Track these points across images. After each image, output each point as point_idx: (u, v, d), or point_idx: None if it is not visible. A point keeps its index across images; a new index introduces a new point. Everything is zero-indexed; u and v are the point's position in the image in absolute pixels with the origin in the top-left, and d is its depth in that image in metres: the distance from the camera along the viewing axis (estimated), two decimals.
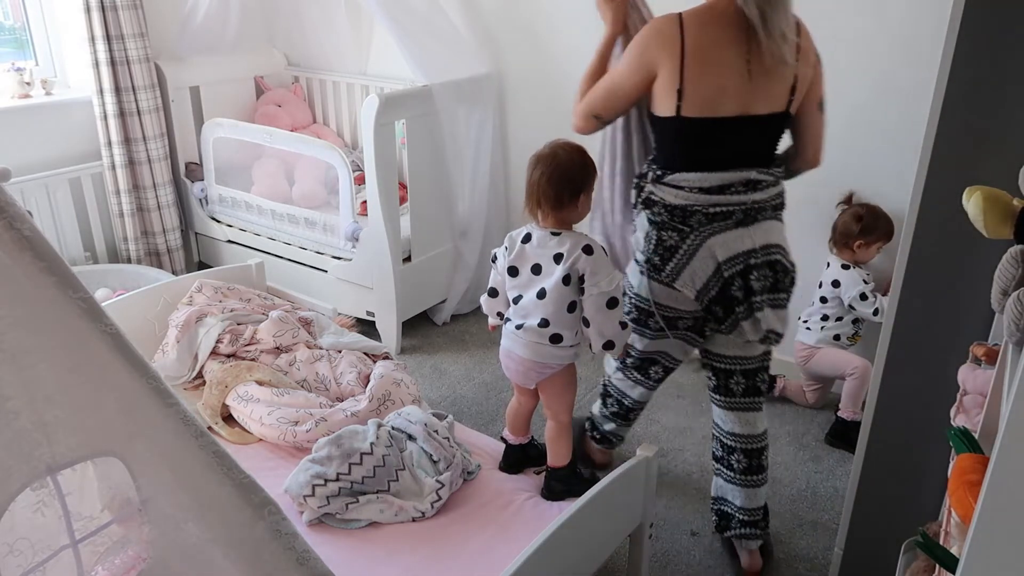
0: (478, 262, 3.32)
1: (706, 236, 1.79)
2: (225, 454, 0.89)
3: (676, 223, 1.80)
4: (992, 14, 1.38)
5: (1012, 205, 1.03)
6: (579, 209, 1.82)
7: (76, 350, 0.82)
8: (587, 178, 1.81)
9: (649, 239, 1.85)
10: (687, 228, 1.80)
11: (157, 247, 3.47)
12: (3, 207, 0.76)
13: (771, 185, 1.83)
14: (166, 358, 2.32)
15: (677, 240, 1.81)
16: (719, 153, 1.77)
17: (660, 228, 1.82)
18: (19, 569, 0.89)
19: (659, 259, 1.84)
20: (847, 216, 2.60)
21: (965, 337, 1.48)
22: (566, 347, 1.85)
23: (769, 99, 1.74)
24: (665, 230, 1.82)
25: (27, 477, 0.84)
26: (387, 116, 2.84)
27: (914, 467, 1.72)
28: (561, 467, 1.95)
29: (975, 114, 1.45)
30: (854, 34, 2.53)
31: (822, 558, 2.14)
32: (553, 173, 1.78)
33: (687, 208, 1.79)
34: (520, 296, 1.87)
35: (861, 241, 2.57)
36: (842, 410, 2.63)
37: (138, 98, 3.24)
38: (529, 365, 1.88)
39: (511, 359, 1.92)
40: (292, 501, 1.81)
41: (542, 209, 1.81)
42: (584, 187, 1.80)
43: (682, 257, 1.81)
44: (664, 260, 1.83)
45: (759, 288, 1.79)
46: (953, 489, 0.92)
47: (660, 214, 1.82)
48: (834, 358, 2.67)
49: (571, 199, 1.79)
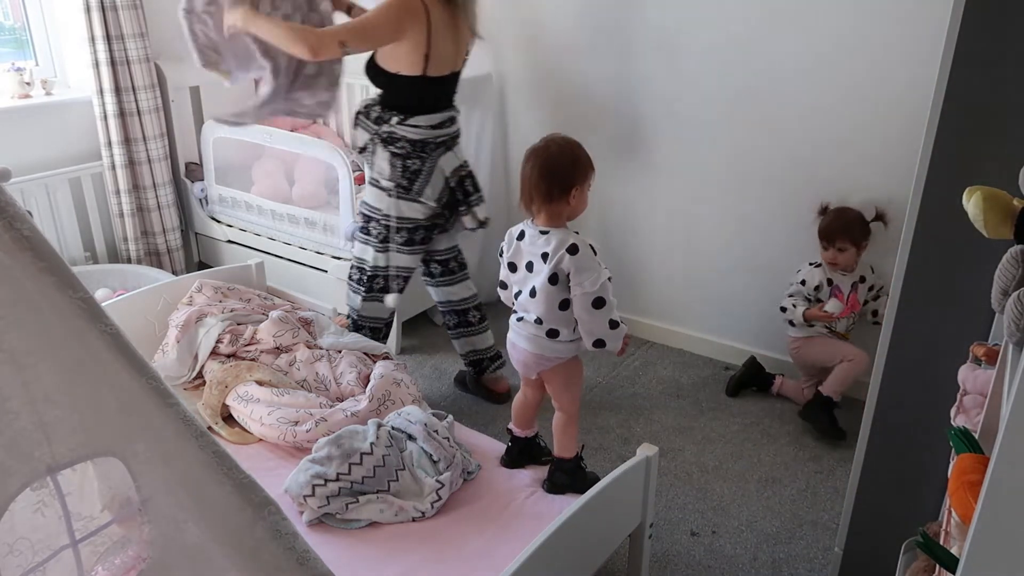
0: (478, 262, 3.32)
1: (436, 158, 2.42)
2: (225, 454, 0.89)
3: (418, 152, 2.39)
4: (992, 14, 1.38)
5: (1012, 205, 1.03)
6: (571, 203, 1.81)
7: (76, 350, 0.82)
8: (579, 172, 1.81)
9: (395, 167, 2.40)
10: (425, 155, 2.40)
11: (157, 247, 3.47)
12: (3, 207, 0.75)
13: (457, 119, 2.51)
14: (166, 358, 2.32)
15: (420, 165, 2.40)
16: (441, 99, 2.42)
17: (405, 158, 2.39)
18: (19, 569, 0.89)
19: (407, 181, 2.41)
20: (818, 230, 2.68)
21: (965, 337, 1.48)
22: (564, 341, 1.86)
23: (461, 59, 2.44)
24: (410, 159, 2.39)
25: (27, 477, 0.84)
26: None
27: (914, 467, 1.72)
28: (568, 459, 1.97)
29: (975, 114, 1.45)
30: (855, 33, 2.53)
31: (822, 558, 2.14)
32: (544, 166, 1.79)
33: (425, 140, 2.38)
34: (520, 292, 1.90)
35: (823, 242, 2.63)
36: (824, 387, 2.66)
37: (138, 98, 3.24)
38: (530, 356, 1.91)
39: (515, 349, 1.96)
40: (292, 501, 1.81)
41: (535, 203, 1.82)
42: (576, 181, 1.80)
43: (425, 176, 2.41)
44: (411, 181, 2.41)
45: (472, 189, 2.51)
46: (953, 489, 0.92)
47: (404, 148, 2.38)
48: (825, 345, 2.69)
49: (562, 193, 1.79)
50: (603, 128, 3.14)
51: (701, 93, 2.89)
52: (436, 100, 2.41)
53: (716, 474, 2.48)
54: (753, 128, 2.82)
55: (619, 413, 2.79)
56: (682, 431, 2.69)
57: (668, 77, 2.94)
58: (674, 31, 2.87)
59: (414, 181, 2.40)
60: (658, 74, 2.96)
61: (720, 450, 2.59)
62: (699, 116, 2.92)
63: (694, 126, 2.94)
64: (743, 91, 2.80)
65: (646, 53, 2.96)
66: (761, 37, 2.71)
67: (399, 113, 2.36)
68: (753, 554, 2.16)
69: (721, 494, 2.39)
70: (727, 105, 2.85)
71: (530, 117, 3.35)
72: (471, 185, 2.53)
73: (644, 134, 3.07)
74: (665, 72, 2.94)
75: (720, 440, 2.64)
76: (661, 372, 3.07)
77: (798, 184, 2.79)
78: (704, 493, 2.39)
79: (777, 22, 2.66)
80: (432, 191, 2.43)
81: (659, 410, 2.81)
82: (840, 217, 2.61)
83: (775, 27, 2.67)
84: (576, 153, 1.82)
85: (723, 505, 2.34)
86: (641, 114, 3.05)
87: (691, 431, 2.69)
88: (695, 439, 2.65)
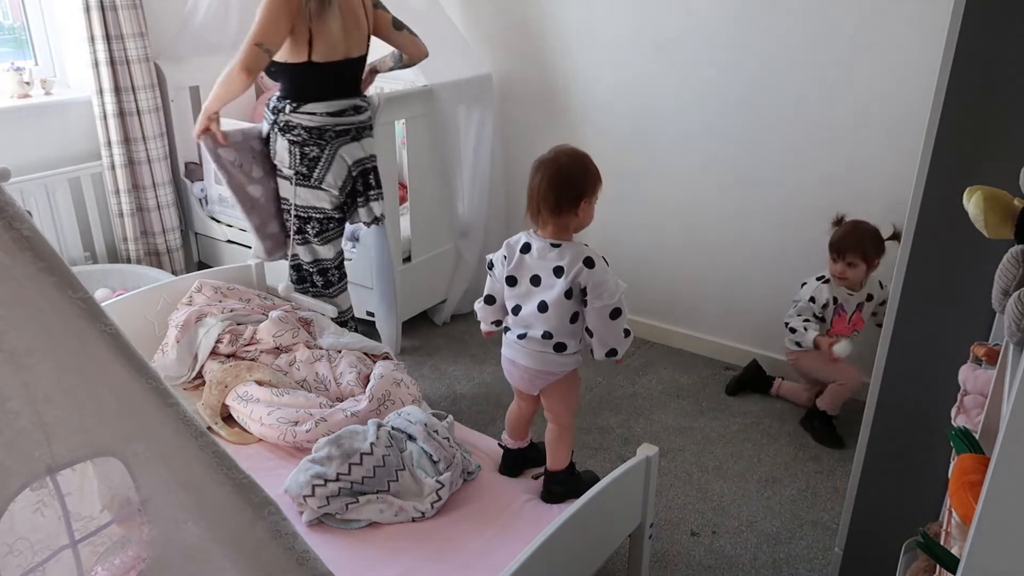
0: (478, 262, 3.32)
1: (337, 147, 2.46)
2: (225, 454, 0.89)
3: (315, 139, 2.44)
4: (992, 14, 1.38)
5: (1013, 205, 1.03)
6: (579, 216, 1.78)
7: (76, 350, 0.82)
8: (588, 184, 1.77)
9: (293, 155, 2.47)
10: (324, 142, 2.45)
11: (157, 247, 3.47)
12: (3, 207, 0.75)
13: (366, 110, 2.56)
14: (166, 358, 2.32)
15: (318, 152, 2.45)
16: (339, 86, 2.46)
17: (302, 145, 2.44)
18: (19, 569, 0.89)
19: (306, 169, 2.47)
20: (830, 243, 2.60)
21: (965, 337, 1.48)
22: (570, 354, 1.85)
23: (358, 46, 2.47)
24: (307, 146, 2.44)
25: (27, 477, 0.83)
26: (387, 116, 2.84)
27: (914, 467, 1.72)
28: (560, 470, 1.95)
29: (975, 114, 1.45)
30: (855, 33, 2.54)
31: (822, 558, 2.14)
32: (553, 177, 1.75)
33: (322, 128, 2.43)
34: (519, 307, 1.84)
35: (833, 254, 2.56)
36: (820, 402, 2.66)
37: (138, 98, 3.24)
38: (534, 373, 1.87)
39: (515, 367, 1.90)
40: (292, 501, 1.81)
41: (542, 215, 1.78)
42: (585, 193, 1.77)
43: (324, 164, 2.46)
44: (311, 169, 2.46)
45: (374, 184, 2.58)
46: (954, 489, 0.92)
47: (300, 135, 2.44)
48: (822, 363, 2.65)
49: (570, 205, 1.76)
50: (603, 128, 3.14)
51: (701, 93, 2.89)
52: (332, 87, 2.44)
53: (716, 474, 2.48)
54: (753, 128, 2.82)
55: (619, 413, 2.79)
56: (682, 431, 2.69)
57: (668, 77, 2.94)
58: (674, 30, 2.87)
59: (313, 168, 2.47)
60: (658, 74, 2.96)
61: (720, 450, 2.59)
62: (700, 116, 2.92)
63: (694, 126, 2.95)
64: (743, 91, 2.80)
65: (646, 53, 2.96)
66: (762, 37, 2.71)
67: (292, 101, 2.43)
68: (753, 554, 2.16)
69: (721, 494, 2.39)
70: (727, 105, 2.85)
71: (530, 118, 3.35)
72: (374, 179, 2.59)
73: (644, 134, 3.07)
74: (665, 72, 2.94)
75: (720, 440, 2.65)
76: (661, 372, 3.07)
77: (798, 185, 2.79)
78: (704, 493, 2.39)
79: (778, 22, 2.67)
80: (334, 179, 2.48)
81: (659, 410, 2.81)
82: (855, 231, 2.51)
83: (776, 27, 2.67)
84: (585, 165, 1.78)
85: (723, 505, 2.34)
86: (641, 114, 3.05)
87: (691, 431, 2.69)
88: (695, 439, 2.65)
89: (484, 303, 1.95)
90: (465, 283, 3.36)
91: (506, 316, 1.91)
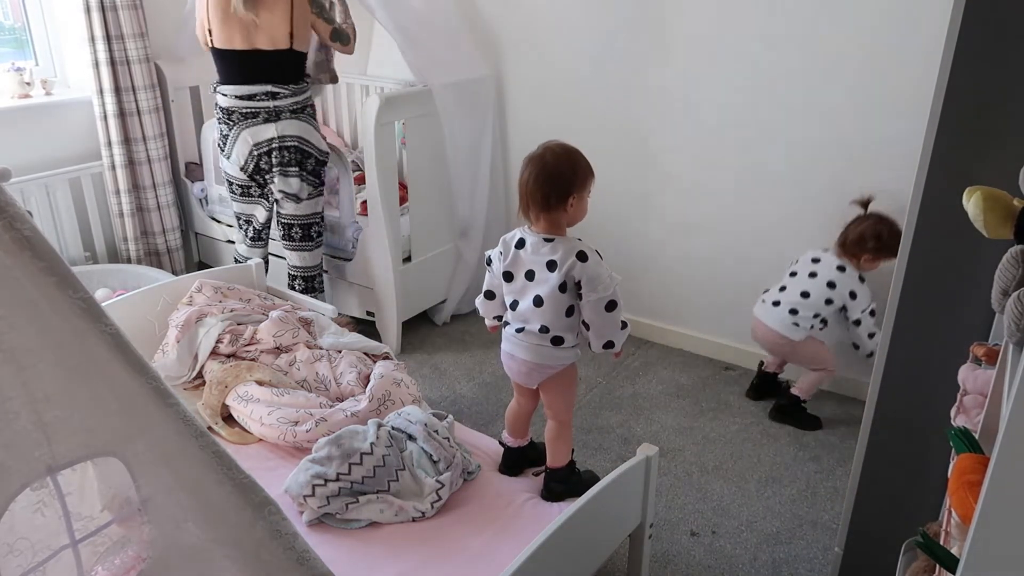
0: (478, 262, 3.32)
1: (242, 128, 2.71)
2: (225, 454, 0.89)
3: (225, 118, 2.73)
4: (992, 14, 1.38)
5: (1012, 205, 1.03)
6: (569, 212, 1.78)
7: (76, 350, 0.82)
8: (577, 179, 1.76)
9: (216, 128, 2.83)
10: (232, 122, 2.72)
11: (157, 247, 3.47)
12: (3, 207, 0.76)
13: (289, 96, 2.70)
14: (166, 358, 2.32)
15: (227, 130, 2.74)
16: (240, 72, 2.67)
17: (219, 121, 2.77)
18: (19, 569, 0.89)
19: (223, 143, 2.79)
20: (867, 227, 2.53)
21: (965, 337, 1.48)
22: (568, 348, 1.85)
23: (270, 40, 2.61)
24: (222, 123, 2.76)
25: (27, 477, 0.84)
26: (387, 116, 2.84)
27: (914, 467, 1.72)
28: (560, 468, 1.95)
29: (975, 114, 1.45)
30: (855, 33, 2.53)
31: (822, 558, 2.14)
32: (541, 173, 1.75)
33: (230, 109, 2.71)
34: (516, 302, 1.85)
35: (870, 256, 2.56)
36: (796, 388, 2.68)
37: (138, 98, 3.24)
38: (532, 367, 1.88)
39: (514, 361, 1.91)
40: (292, 501, 1.81)
41: (532, 211, 1.79)
42: (574, 189, 1.76)
43: (231, 141, 2.74)
44: (224, 144, 2.78)
45: (276, 163, 2.74)
46: (953, 489, 0.92)
47: (217, 112, 2.77)
48: (815, 351, 2.68)
49: (559, 200, 1.76)
50: (603, 128, 3.14)
51: (702, 93, 2.89)
52: (238, 73, 2.67)
53: (716, 474, 2.48)
54: (753, 128, 2.82)
55: (619, 413, 2.79)
56: (682, 431, 2.69)
57: (668, 76, 2.94)
58: (675, 30, 2.87)
59: (224, 142, 2.78)
60: (658, 73, 2.96)
61: (720, 450, 2.59)
62: (700, 116, 2.92)
63: (695, 126, 2.95)
64: (743, 91, 2.80)
65: (646, 53, 2.96)
66: (762, 37, 2.71)
67: (215, 83, 2.75)
68: (753, 554, 2.16)
69: (721, 494, 2.39)
70: (727, 105, 2.85)
71: (530, 118, 3.35)
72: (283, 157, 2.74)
73: (645, 134, 3.07)
74: (665, 71, 2.94)
75: (720, 440, 2.65)
76: (661, 372, 3.07)
77: (798, 184, 2.79)
78: (704, 493, 2.39)
79: (779, 22, 2.67)
80: (237, 156, 2.75)
81: (659, 410, 2.81)
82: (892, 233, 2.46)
83: (776, 27, 2.67)
84: (574, 160, 1.77)
85: (723, 505, 2.34)
86: (641, 114, 3.05)
87: (691, 431, 2.69)
88: (695, 439, 2.65)
89: (484, 298, 1.97)
90: (465, 283, 3.36)
91: (504, 311, 1.92)
